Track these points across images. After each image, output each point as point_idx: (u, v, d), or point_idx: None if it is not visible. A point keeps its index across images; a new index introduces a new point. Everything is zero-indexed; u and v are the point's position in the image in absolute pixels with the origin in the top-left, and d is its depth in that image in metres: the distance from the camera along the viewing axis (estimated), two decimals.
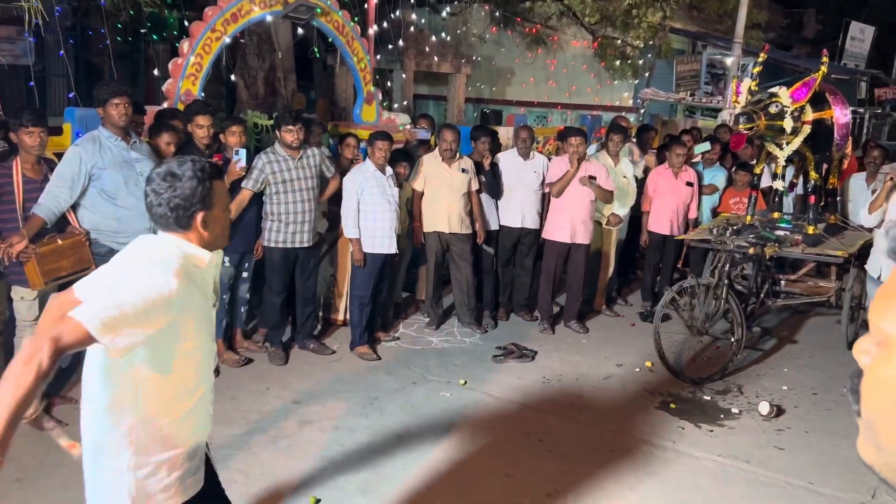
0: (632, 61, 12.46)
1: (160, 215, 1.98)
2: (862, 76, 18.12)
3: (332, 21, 6.77)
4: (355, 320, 5.54)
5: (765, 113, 5.39)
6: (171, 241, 2.00)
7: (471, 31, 11.69)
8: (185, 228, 2.00)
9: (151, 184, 1.98)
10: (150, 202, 1.99)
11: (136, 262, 1.92)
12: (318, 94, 11.72)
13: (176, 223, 1.98)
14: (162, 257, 1.93)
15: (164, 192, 1.96)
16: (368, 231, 5.42)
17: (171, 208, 1.96)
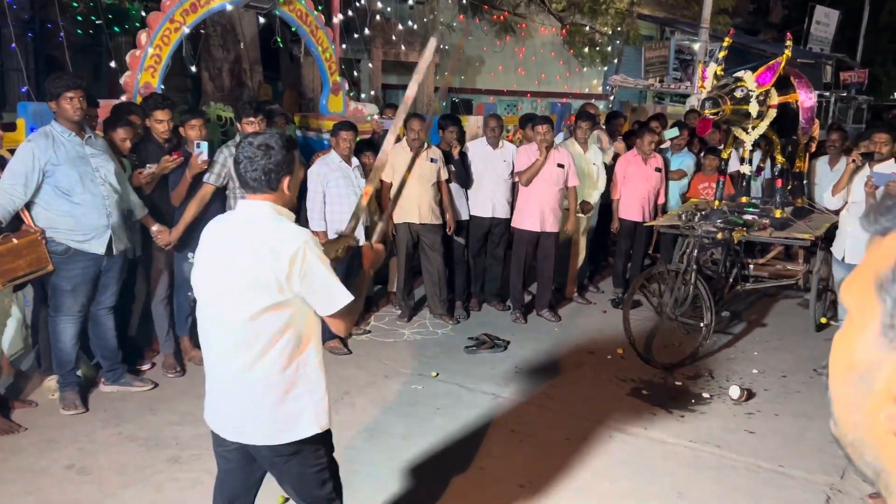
0: (600, 48, 12.46)
1: (254, 178, 2.33)
2: (827, 60, 18.32)
3: (295, 10, 6.65)
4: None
5: (730, 97, 5.40)
6: (262, 207, 2.36)
7: (438, 20, 11.60)
8: (273, 190, 2.35)
9: (245, 152, 2.32)
10: (244, 167, 2.33)
11: (281, 226, 2.33)
12: (286, 85, 11.56)
13: (268, 185, 2.34)
14: (281, 216, 2.38)
15: (260, 160, 2.31)
16: (335, 223, 5.35)
17: (265, 172, 2.32)
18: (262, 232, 2.30)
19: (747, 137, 5.76)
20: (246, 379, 2.34)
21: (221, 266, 2.33)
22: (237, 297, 2.29)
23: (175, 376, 4.91)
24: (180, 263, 5.02)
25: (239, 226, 2.36)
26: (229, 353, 2.35)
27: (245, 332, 2.31)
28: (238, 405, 2.38)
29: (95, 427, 4.19)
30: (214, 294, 2.37)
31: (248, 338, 2.31)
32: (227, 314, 2.33)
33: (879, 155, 4.86)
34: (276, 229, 2.31)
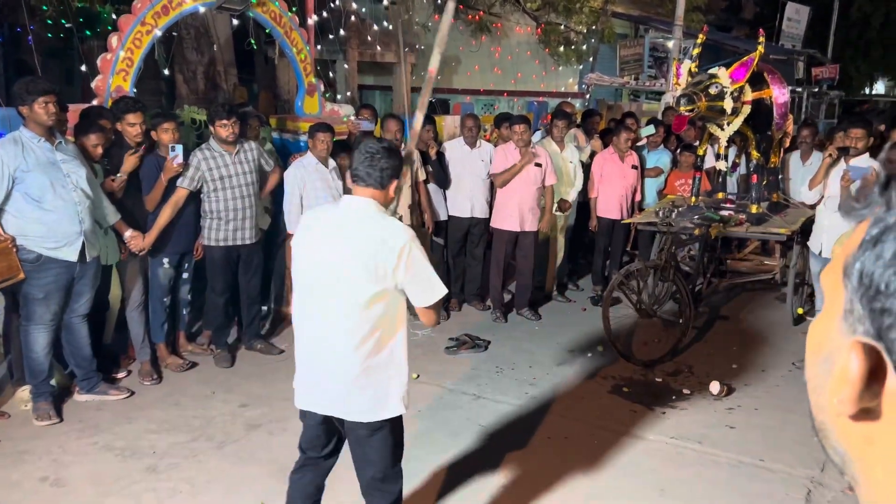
0: (575, 47, 12.49)
1: (369, 174, 2.62)
2: (799, 56, 18.51)
3: (268, 12, 6.57)
4: None
5: (705, 94, 5.43)
6: (371, 201, 2.63)
7: (414, 20, 11.56)
8: (382, 188, 2.65)
9: (369, 148, 2.64)
10: (364, 162, 2.62)
11: (387, 221, 2.62)
12: (261, 87, 11.46)
13: (379, 183, 2.62)
14: (384, 213, 2.66)
15: (381, 159, 2.62)
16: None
17: (381, 171, 2.61)
18: (370, 225, 2.57)
19: (722, 134, 5.80)
20: (349, 360, 2.58)
21: (332, 254, 2.57)
22: (349, 284, 2.53)
23: (152, 384, 4.83)
24: (155, 269, 4.96)
25: (347, 217, 2.63)
26: (336, 336, 2.59)
27: (354, 317, 2.55)
28: (338, 384, 2.61)
29: (70, 438, 4.11)
30: (324, 280, 2.59)
31: (356, 322, 2.55)
32: (338, 299, 2.56)
33: (855, 150, 4.90)
34: (383, 223, 2.59)
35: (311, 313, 2.66)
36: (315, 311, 2.65)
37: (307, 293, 2.66)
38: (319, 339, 2.65)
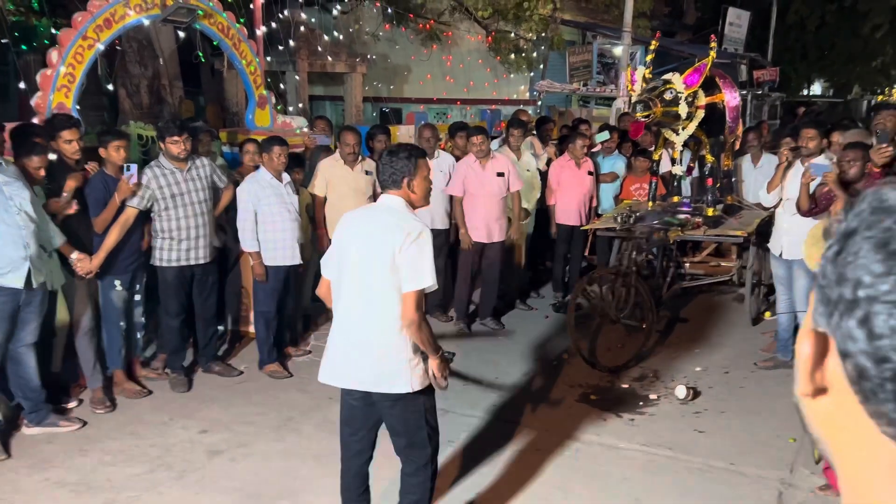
0: (526, 54, 12.54)
1: (385, 179, 3.00)
2: (741, 59, 18.96)
3: (215, 23, 6.42)
4: (261, 337, 5.26)
5: (660, 100, 5.46)
6: (397, 200, 2.99)
7: (363, 29, 11.46)
8: (398, 188, 2.98)
9: (382, 159, 3.04)
10: (382, 170, 3.01)
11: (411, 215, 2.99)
12: (208, 100, 11.22)
13: (394, 185, 2.98)
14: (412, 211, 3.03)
15: (388, 165, 2.97)
16: (269, 243, 5.14)
17: (390, 173, 2.97)
18: (393, 216, 2.95)
19: (677, 138, 5.85)
20: (381, 337, 2.93)
21: (362, 244, 2.94)
22: (378, 270, 2.89)
23: (105, 412, 4.62)
24: (107, 292, 4.75)
25: (380, 212, 3.03)
26: (370, 316, 2.93)
27: (386, 299, 2.89)
28: (370, 360, 2.94)
29: (20, 475, 3.89)
30: (358, 268, 2.94)
31: (387, 303, 2.89)
32: (370, 284, 2.91)
33: (807, 150, 4.97)
34: (405, 215, 2.97)
35: (350, 294, 2.98)
36: (353, 294, 2.97)
37: (346, 278, 2.99)
38: (354, 321, 2.98)
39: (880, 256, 0.52)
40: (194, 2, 6.13)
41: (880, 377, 0.51)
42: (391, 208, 2.98)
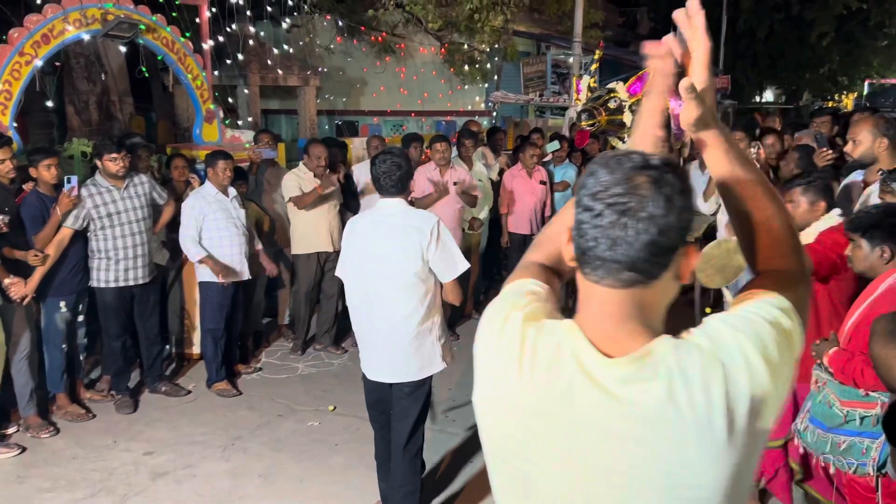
0: (480, 65, 12.61)
1: (391, 185, 3.24)
2: None
3: (159, 38, 6.34)
4: (209, 356, 5.17)
5: (605, 108, 5.49)
6: (400, 202, 3.28)
7: (315, 42, 11.42)
8: (401, 192, 3.27)
9: (383, 167, 3.22)
10: (384, 178, 3.23)
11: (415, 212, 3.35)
12: (159, 116, 11.06)
13: (398, 192, 3.25)
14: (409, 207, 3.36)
15: (395, 173, 3.22)
16: (216, 258, 5.06)
17: (397, 180, 3.23)
18: (403, 218, 3.22)
19: (623, 146, 5.90)
20: (403, 327, 3.21)
21: (377, 246, 3.20)
22: (396, 268, 3.16)
23: (49, 436, 4.49)
24: (51, 314, 4.61)
25: (384, 216, 3.26)
26: (391, 310, 3.20)
27: (403, 292, 3.18)
28: (395, 350, 3.24)
29: None
30: (376, 268, 3.20)
31: (405, 296, 3.19)
32: (389, 280, 3.18)
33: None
34: (413, 213, 3.29)
35: (369, 295, 3.24)
36: (370, 294, 3.24)
37: (363, 281, 3.25)
38: (377, 317, 3.24)
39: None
40: (136, 17, 6.05)
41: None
42: (402, 211, 3.26)
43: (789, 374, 1.10)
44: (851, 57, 24.25)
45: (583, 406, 1.08)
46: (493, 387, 1.21)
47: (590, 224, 1.09)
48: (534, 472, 1.16)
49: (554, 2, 13.93)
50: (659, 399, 1.03)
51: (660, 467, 1.06)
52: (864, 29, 22.80)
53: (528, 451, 1.16)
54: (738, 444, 1.04)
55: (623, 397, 1.06)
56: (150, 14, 6.25)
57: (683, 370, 1.04)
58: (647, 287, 1.11)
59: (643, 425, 1.05)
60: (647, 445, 1.05)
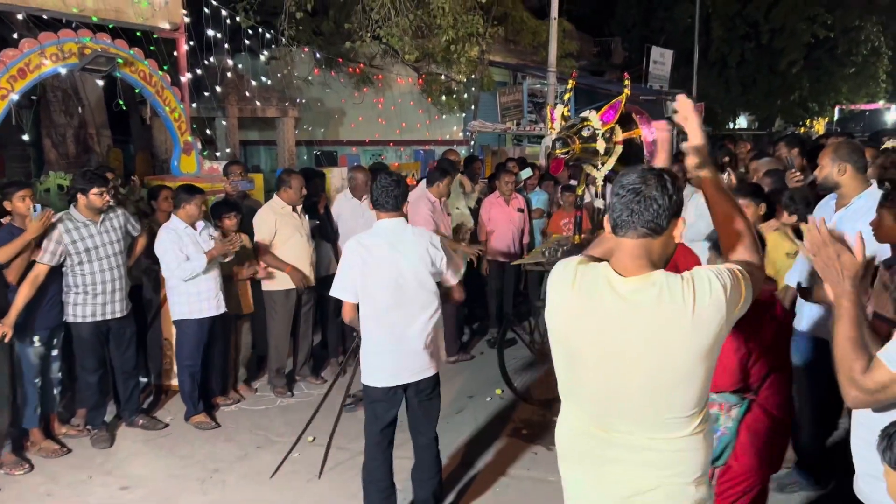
0: (457, 95, 12.77)
1: (387, 202, 3.52)
2: (667, 96, 19.66)
3: (137, 71, 6.38)
4: (186, 390, 5.11)
5: (578, 137, 5.60)
6: (400, 220, 3.61)
7: (293, 74, 11.52)
8: (398, 210, 3.58)
9: (381, 184, 3.52)
10: (384, 196, 3.52)
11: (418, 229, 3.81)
12: (137, 148, 11.06)
13: (395, 208, 3.55)
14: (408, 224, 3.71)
15: (394, 190, 3.52)
16: (192, 295, 4.97)
17: (395, 197, 3.53)
18: (413, 233, 3.62)
19: (598, 173, 5.98)
20: (427, 328, 3.60)
21: (398, 263, 3.51)
22: (421, 280, 3.55)
23: (23, 473, 4.42)
24: (24, 350, 4.56)
25: (392, 234, 3.57)
26: (416, 314, 3.57)
27: (425, 297, 3.59)
28: (421, 349, 3.59)
29: None
30: (402, 279, 3.52)
31: (427, 300, 3.60)
32: (415, 292, 3.55)
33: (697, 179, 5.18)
34: (419, 231, 3.70)
35: (391, 308, 3.53)
36: (396, 305, 3.53)
37: (395, 296, 3.52)
38: (404, 325, 3.56)
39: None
40: (114, 51, 6.10)
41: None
42: (404, 228, 3.61)
43: (737, 301, 1.87)
44: (821, 84, 24.81)
45: (608, 306, 1.89)
46: (557, 300, 2.02)
47: (618, 202, 1.88)
48: (579, 349, 1.99)
49: (529, 33, 14.17)
50: (652, 300, 1.84)
51: (653, 340, 1.86)
52: (832, 57, 23.38)
53: (575, 336, 1.99)
54: (699, 327, 1.83)
55: (631, 300, 1.87)
56: (128, 48, 6.30)
57: (669, 284, 1.84)
58: (654, 239, 1.88)
59: (643, 316, 1.85)
60: (646, 328, 1.85)
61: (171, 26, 7.00)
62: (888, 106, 29.10)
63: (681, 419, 1.92)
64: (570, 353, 2.02)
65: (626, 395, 1.92)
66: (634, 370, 1.89)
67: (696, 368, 1.87)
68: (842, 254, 1.98)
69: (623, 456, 1.97)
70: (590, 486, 2.07)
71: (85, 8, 6.15)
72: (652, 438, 1.93)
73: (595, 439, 2.03)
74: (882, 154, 5.64)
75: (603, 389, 1.97)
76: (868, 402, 1.97)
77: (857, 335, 1.94)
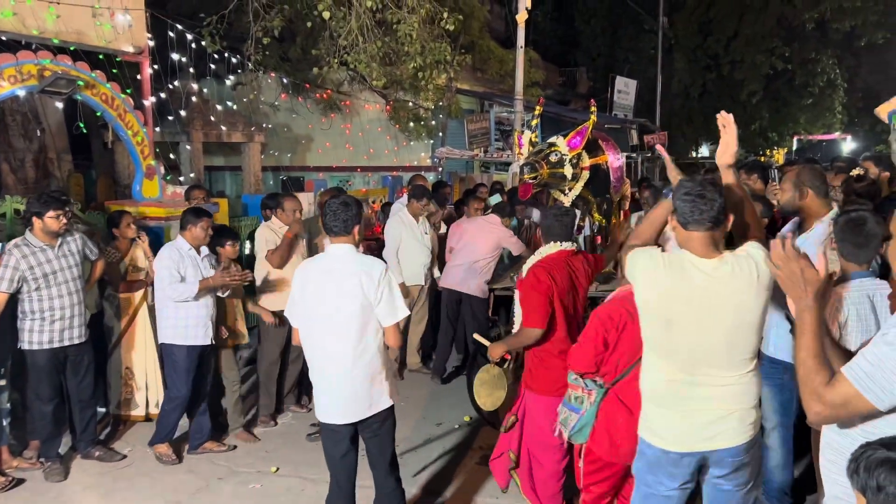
0: (425, 122, 12.82)
1: (336, 227, 3.37)
2: (631, 124, 20.00)
3: (99, 94, 6.27)
4: (166, 418, 4.85)
5: (546, 162, 5.63)
6: (348, 246, 3.41)
7: (260, 99, 11.46)
8: (348, 234, 3.40)
9: (331, 208, 3.37)
10: (331, 219, 3.37)
11: (365, 258, 3.50)
12: (99, 173, 10.88)
13: (345, 232, 3.39)
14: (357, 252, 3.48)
15: (343, 213, 3.36)
16: (181, 319, 4.76)
17: (343, 221, 3.36)
18: (354, 263, 3.38)
19: (565, 199, 6.02)
20: (359, 364, 3.36)
21: (331, 292, 3.33)
22: (351, 308, 3.31)
23: None
24: None
25: (335, 262, 3.40)
26: (347, 349, 3.33)
27: (357, 332, 3.33)
28: (354, 387, 3.38)
29: None
30: (330, 310, 3.33)
31: (359, 335, 3.34)
32: (343, 322, 3.32)
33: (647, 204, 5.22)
34: (363, 260, 3.43)
35: (324, 338, 3.37)
36: (327, 336, 3.36)
37: (318, 324, 3.37)
38: (333, 359, 3.38)
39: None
40: (75, 73, 5.99)
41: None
42: (350, 255, 3.40)
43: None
44: (780, 114, 25.50)
45: (697, 282, 2.52)
46: (649, 280, 2.59)
47: (686, 205, 2.52)
48: (676, 314, 2.55)
49: (496, 61, 14.34)
50: (728, 274, 2.52)
51: (731, 303, 2.53)
52: (790, 88, 24.08)
53: (672, 305, 2.56)
54: (762, 290, 2.55)
55: (714, 275, 2.52)
56: (90, 70, 6.19)
57: (738, 261, 2.54)
58: (716, 231, 2.53)
59: (724, 286, 2.51)
60: (727, 294, 2.51)
61: (135, 49, 6.91)
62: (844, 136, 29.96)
63: (746, 359, 2.60)
64: (667, 318, 2.57)
65: (712, 346, 2.56)
66: (720, 326, 2.53)
67: (759, 319, 2.57)
68: (805, 269, 2.01)
69: (706, 393, 2.58)
70: (678, 418, 2.63)
71: (45, 30, 6.04)
72: (728, 376, 2.58)
73: (683, 383, 2.60)
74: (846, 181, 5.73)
75: (695, 343, 2.56)
76: (830, 418, 1.97)
77: (819, 349, 1.95)
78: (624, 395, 3.23)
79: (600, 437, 3.31)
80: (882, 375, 1.80)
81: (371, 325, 3.36)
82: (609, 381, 3.30)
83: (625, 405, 3.23)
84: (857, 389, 1.84)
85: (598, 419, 3.30)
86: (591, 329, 3.29)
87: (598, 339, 3.25)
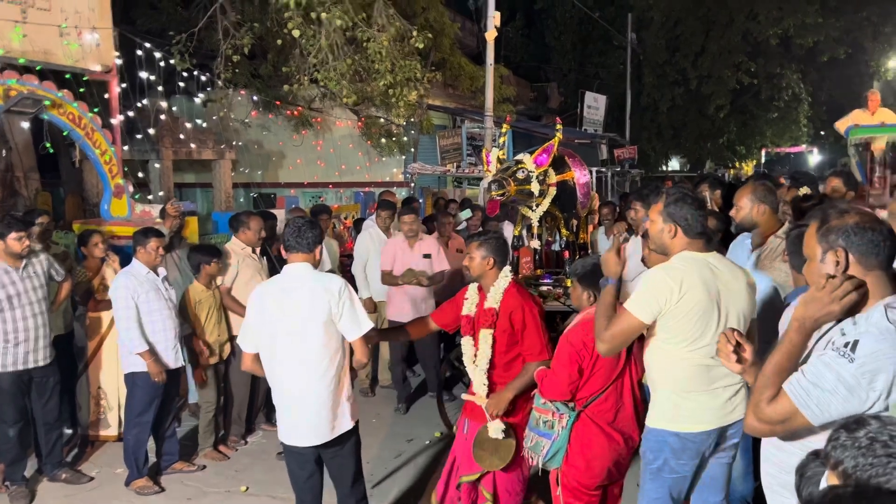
0: (397, 138, 12.88)
1: (299, 244, 3.35)
2: (601, 139, 20.23)
3: (65, 113, 6.24)
4: (130, 450, 4.71)
5: (513, 179, 5.72)
6: (306, 265, 3.39)
7: (230, 116, 11.45)
8: (309, 252, 3.38)
9: (295, 224, 3.38)
10: (293, 235, 3.35)
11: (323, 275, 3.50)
12: (67, 191, 10.77)
13: (308, 248, 3.37)
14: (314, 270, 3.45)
15: (307, 231, 3.36)
16: (156, 343, 4.68)
17: (307, 240, 3.35)
18: (312, 280, 3.35)
19: (533, 215, 6.11)
20: (318, 386, 3.32)
21: (288, 311, 3.29)
22: (310, 328, 3.27)
23: None
24: None
25: (293, 280, 3.36)
26: (306, 371, 3.31)
27: (317, 352, 3.30)
28: (317, 407, 3.34)
29: None
30: (290, 330, 3.29)
31: (319, 356, 3.31)
32: (303, 342, 3.29)
33: (635, 221, 5.29)
34: (321, 277, 3.41)
35: (283, 359, 3.33)
36: (286, 357, 3.32)
37: (276, 344, 3.32)
38: (293, 380, 3.34)
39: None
40: (41, 92, 5.96)
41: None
42: (309, 273, 3.37)
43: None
44: (747, 128, 25.97)
45: (723, 278, 2.86)
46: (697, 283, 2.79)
47: (694, 218, 2.86)
48: (708, 309, 2.79)
49: (467, 78, 14.46)
50: (735, 275, 2.93)
51: (742, 298, 2.91)
52: (757, 102, 24.54)
53: (705, 299, 2.78)
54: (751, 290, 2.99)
55: (729, 275, 2.89)
56: (57, 89, 6.17)
57: (736, 265, 3.03)
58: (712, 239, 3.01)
59: (735, 281, 2.90)
60: (738, 289, 2.90)
61: (103, 68, 6.90)
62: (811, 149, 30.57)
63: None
64: (706, 312, 2.78)
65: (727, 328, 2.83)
66: (737, 314, 2.88)
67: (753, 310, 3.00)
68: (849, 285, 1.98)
69: (724, 371, 2.76)
70: (709, 399, 2.88)
71: (11, 49, 6.01)
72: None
73: (709, 366, 2.84)
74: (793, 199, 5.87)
75: (721, 330, 2.74)
76: (765, 432, 2.05)
77: (784, 369, 1.97)
78: (596, 415, 3.25)
79: (575, 461, 3.27)
80: (819, 393, 1.88)
81: (332, 343, 3.32)
82: (581, 405, 3.28)
83: (597, 425, 3.24)
84: (795, 406, 1.91)
85: (571, 443, 3.26)
86: (565, 356, 3.24)
87: (573, 368, 3.22)
